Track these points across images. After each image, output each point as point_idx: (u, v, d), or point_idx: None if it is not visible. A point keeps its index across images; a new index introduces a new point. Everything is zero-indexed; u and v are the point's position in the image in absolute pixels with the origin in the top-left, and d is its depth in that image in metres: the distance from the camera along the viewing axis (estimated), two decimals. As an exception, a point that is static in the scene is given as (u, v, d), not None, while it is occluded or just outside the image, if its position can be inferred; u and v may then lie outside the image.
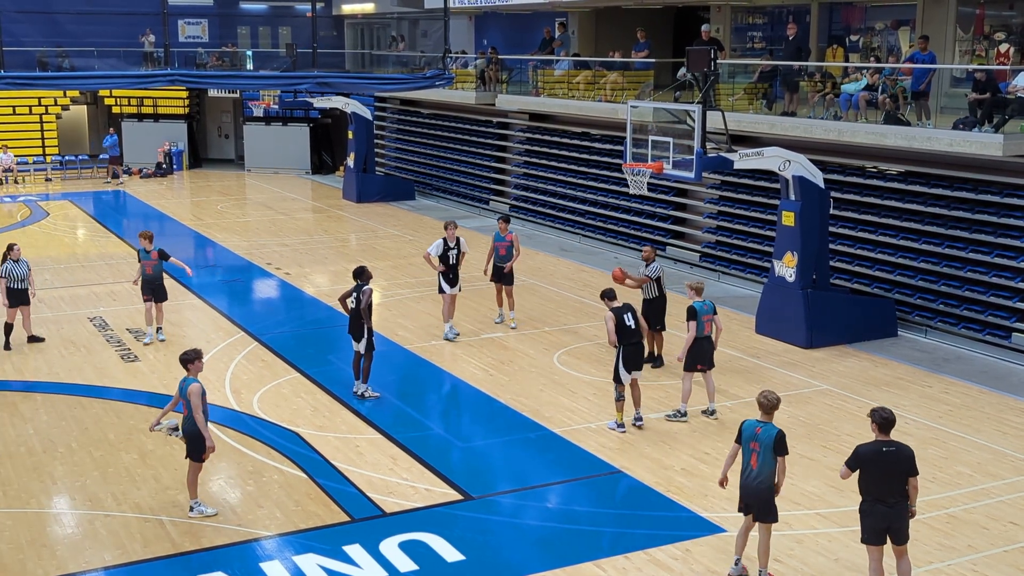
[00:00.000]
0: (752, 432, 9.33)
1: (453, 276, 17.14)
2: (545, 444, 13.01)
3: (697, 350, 13.58)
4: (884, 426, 8.82)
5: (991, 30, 20.93)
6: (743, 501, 9.50)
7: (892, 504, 8.78)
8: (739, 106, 21.70)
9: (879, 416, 8.84)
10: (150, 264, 16.94)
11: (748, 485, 9.38)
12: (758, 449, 9.26)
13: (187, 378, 10.86)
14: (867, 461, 8.84)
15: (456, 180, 32.30)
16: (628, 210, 25.17)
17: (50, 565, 9.95)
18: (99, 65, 32.92)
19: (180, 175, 38.01)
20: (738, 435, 9.47)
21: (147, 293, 16.99)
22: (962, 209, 17.74)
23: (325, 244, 25.60)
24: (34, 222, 28.37)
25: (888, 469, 8.77)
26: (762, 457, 9.25)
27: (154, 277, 16.96)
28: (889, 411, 8.89)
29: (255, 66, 37.57)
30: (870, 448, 8.87)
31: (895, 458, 8.78)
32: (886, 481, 8.78)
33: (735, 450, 9.51)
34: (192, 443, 10.84)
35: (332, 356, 16.37)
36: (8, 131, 37.11)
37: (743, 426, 9.48)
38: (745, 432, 9.39)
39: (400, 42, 39.26)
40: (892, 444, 8.84)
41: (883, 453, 8.79)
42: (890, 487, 8.77)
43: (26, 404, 14.26)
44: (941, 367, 16.08)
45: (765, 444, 9.24)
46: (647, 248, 16.25)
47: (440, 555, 10.15)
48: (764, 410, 9.41)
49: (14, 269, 16.50)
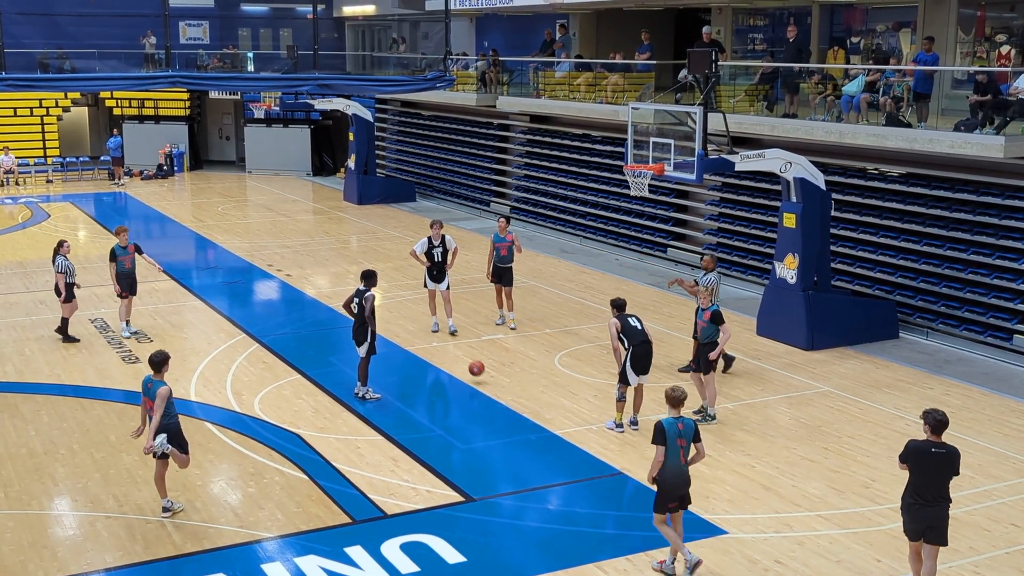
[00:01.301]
0: (675, 430, 9.59)
1: (438, 273, 17.28)
2: (546, 446, 13.01)
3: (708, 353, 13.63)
4: (937, 427, 9.01)
5: (992, 32, 20.95)
6: (676, 493, 9.65)
7: (931, 503, 8.96)
8: (740, 108, 21.72)
9: (932, 418, 9.02)
10: (128, 259, 17.18)
11: (682, 475, 9.65)
12: (684, 445, 9.62)
13: (157, 380, 10.77)
14: (915, 457, 9.03)
15: (457, 182, 32.31)
16: (629, 212, 25.18)
17: (51, 567, 9.95)
18: (100, 67, 32.96)
19: (181, 177, 38.02)
20: (660, 437, 9.56)
21: (124, 288, 17.24)
22: (963, 211, 17.74)
23: (326, 246, 25.60)
24: (35, 224, 28.38)
25: (935, 469, 8.96)
26: (687, 450, 9.66)
27: (131, 271, 17.28)
28: (943, 413, 9.06)
29: (256, 68, 37.62)
30: (920, 445, 9.06)
31: (944, 460, 8.97)
32: (930, 480, 8.97)
33: (662, 452, 9.55)
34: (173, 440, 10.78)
35: (333, 358, 16.37)
36: (9, 133, 37.13)
37: (664, 426, 9.60)
38: (669, 431, 9.57)
39: (401, 44, 39.29)
40: (943, 446, 9.02)
41: (932, 453, 8.98)
42: (933, 486, 8.96)
43: (27, 405, 14.26)
44: (942, 369, 16.07)
45: (688, 437, 9.63)
46: (707, 257, 15.64)
47: (441, 557, 10.14)
48: (675, 404, 9.72)
49: (69, 265, 17.05)
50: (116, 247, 17.27)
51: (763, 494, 11.57)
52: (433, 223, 17.57)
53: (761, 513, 11.13)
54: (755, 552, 10.25)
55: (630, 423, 13.40)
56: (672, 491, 9.62)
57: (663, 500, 9.67)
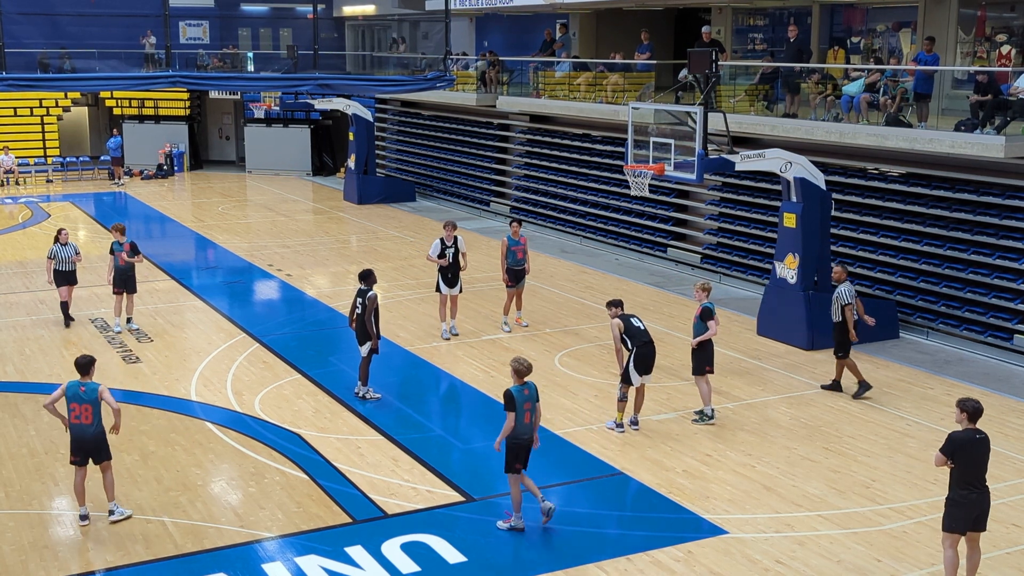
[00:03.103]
0: (523, 396, 10.41)
1: (452, 276, 17.15)
2: (546, 445, 12.98)
3: (707, 353, 13.65)
4: (974, 415, 9.21)
5: (992, 32, 20.95)
6: (524, 455, 10.45)
7: (983, 490, 9.18)
8: (740, 108, 21.72)
9: (970, 406, 9.23)
10: (123, 255, 17.37)
11: (528, 437, 10.52)
12: (529, 408, 10.48)
13: (92, 383, 10.62)
14: (960, 448, 9.15)
15: (457, 182, 32.31)
16: (629, 211, 25.18)
17: (52, 566, 9.95)
18: (100, 67, 32.93)
19: (181, 176, 38.03)
20: (511, 404, 10.34)
21: (119, 286, 17.55)
22: (964, 211, 17.74)
23: (326, 246, 25.60)
24: (35, 223, 28.38)
25: (980, 456, 9.17)
26: (532, 412, 10.51)
27: (127, 268, 17.46)
28: (977, 401, 9.29)
29: (256, 68, 37.61)
30: (963, 435, 9.20)
31: (986, 445, 9.19)
32: (978, 467, 9.17)
33: (513, 418, 10.34)
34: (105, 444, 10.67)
35: (333, 358, 16.37)
36: (9, 132, 37.13)
37: (512, 393, 10.37)
38: (518, 398, 10.37)
39: (401, 44, 39.28)
40: (981, 432, 9.24)
41: (976, 440, 9.16)
42: (981, 473, 9.20)
43: (28, 405, 14.26)
44: (943, 369, 16.07)
45: (532, 400, 10.52)
46: (836, 268, 15.02)
47: (442, 556, 10.14)
48: (521, 375, 10.46)
49: (60, 251, 17.74)
50: (114, 243, 17.55)
51: (763, 494, 11.58)
52: (446, 224, 17.40)
53: (761, 513, 11.13)
54: (755, 552, 10.26)
55: (631, 423, 13.40)
56: (520, 452, 10.43)
57: (512, 461, 10.46)
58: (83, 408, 10.49)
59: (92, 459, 10.66)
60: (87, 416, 10.52)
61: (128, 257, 17.42)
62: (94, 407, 10.53)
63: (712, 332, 13.57)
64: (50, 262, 17.81)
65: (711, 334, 13.58)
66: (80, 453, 10.62)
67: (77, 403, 10.51)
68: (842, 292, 14.58)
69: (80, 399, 10.51)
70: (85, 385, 10.58)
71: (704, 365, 13.66)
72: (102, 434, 10.66)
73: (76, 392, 10.54)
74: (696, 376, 13.75)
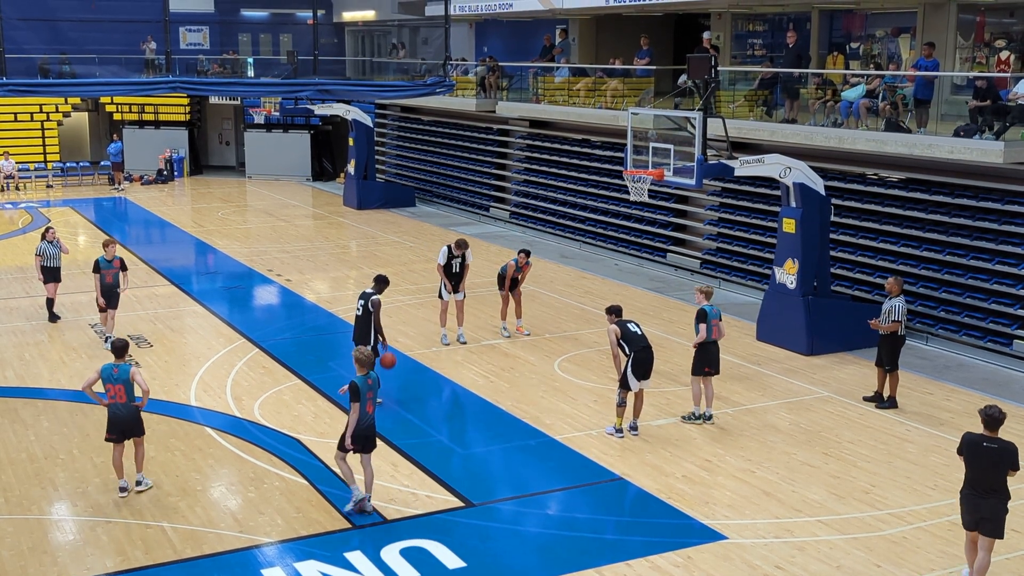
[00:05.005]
0: (365, 384, 10.62)
1: (455, 283, 17.16)
2: (546, 451, 13.01)
3: (706, 353, 13.67)
4: (989, 423, 9.31)
5: (992, 37, 20.96)
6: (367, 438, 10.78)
7: (984, 495, 9.23)
8: (740, 113, 21.73)
9: (985, 413, 9.36)
10: (111, 273, 17.08)
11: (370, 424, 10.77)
12: (372, 396, 10.75)
13: (125, 364, 11.30)
14: (968, 450, 9.34)
15: (457, 187, 32.32)
16: (629, 217, 25.19)
17: (51, 572, 9.94)
18: (100, 72, 32.89)
19: (181, 182, 38.04)
20: (356, 395, 10.56)
21: (106, 301, 17.21)
22: (963, 216, 17.75)
23: (326, 251, 25.60)
24: (35, 228, 28.36)
25: (986, 463, 9.23)
26: (374, 401, 10.82)
27: (113, 285, 17.21)
28: (996, 408, 9.36)
29: (256, 73, 37.53)
30: (973, 438, 9.36)
31: (995, 455, 9.22)
32: (982, 473, 9.26)
33: (357, 408, 10.60)
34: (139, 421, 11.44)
35: (333, 363, 16.36)
36: (9, 138, 37.15)
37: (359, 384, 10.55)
38: (362, 388, 10.58)
39: (401, 49, 39.30)
40: (995, 441, 9.28)
41: (983, 447, 9.24)
42: (984, 479, 9.24)
43: (27, 410, 14.26)
44: (942, 374, 16.07)
45: (376, 390, 10.84)
46: (890, 280, 14.81)
47: (441, 562, 10.14)
48: (363, 365, 10.75)
49: (47, 248, 18.28)
50: (101, 259, 17.04)
51: (763, 499, 11.58)
52: (458, 243, 17.22)
53: (761, 518, 11.13)
54: (755, 558, 10.25)
55: (630, 428, 13.40)
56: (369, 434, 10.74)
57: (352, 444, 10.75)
58: (117, 388, 11.22)
59: (127, 435, 11.34)
60: (121, 395, 11.24)
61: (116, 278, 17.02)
62: (127, 387, 11.24)
63: (700, 337, 13.59)
64: (38, 259, 18.25)
65: (699, 339, 13.61)
66: (116, 431, 11.30)
67: (112, 384, 11.25)
68: (896, 306, 14.32)
69: (114, 380, 11.22)
70: (118, 367, 11.25)
71: (703, 366, 13.69)
72: (136, 411, 11.37)
73: (110, 374, 11.26)
74: (692, 376, 13.81)
